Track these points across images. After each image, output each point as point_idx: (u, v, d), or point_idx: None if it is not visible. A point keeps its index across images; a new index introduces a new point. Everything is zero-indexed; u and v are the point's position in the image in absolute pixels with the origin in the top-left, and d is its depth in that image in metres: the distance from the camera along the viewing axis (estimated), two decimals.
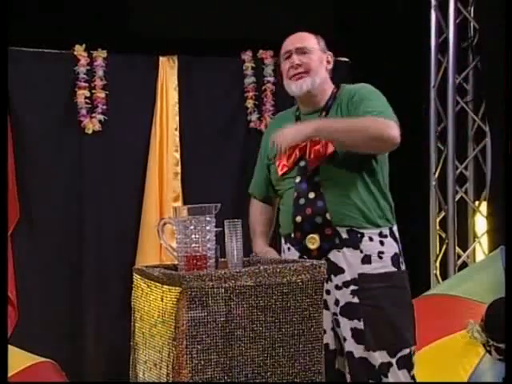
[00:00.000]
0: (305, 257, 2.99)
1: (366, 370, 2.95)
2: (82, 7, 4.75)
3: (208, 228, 2.60)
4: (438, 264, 5.34)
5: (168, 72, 5.01)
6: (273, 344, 2.51)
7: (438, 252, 5.35)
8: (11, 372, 3.62)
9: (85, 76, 4.84)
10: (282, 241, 3.17)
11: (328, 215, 2.97)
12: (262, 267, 2.54)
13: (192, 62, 5.07)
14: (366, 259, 2.98)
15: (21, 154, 4.70)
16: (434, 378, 3.70)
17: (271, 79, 5.16)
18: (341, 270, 2.97)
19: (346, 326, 2.97)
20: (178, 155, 5.01)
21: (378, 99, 3.06)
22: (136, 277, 2.76)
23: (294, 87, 3.11)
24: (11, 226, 4.55)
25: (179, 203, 4.93)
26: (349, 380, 3.01)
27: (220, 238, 2.71)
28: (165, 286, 2.52)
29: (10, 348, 3.47)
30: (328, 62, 3.21)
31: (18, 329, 4.49)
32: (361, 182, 3.02)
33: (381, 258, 3.00)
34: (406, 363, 2.99)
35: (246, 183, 4.53)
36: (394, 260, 3.03)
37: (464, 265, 5.28)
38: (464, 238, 5.39)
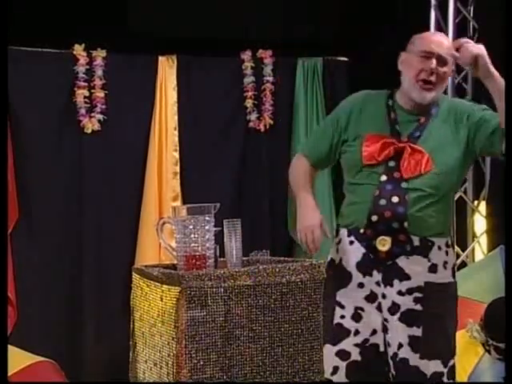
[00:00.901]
0: (371, 255, 2.93)
1: (416, 379, 2.90)
2: (81, 7, 4.74)
3: (207, 227, 2.61)
4: None
5: (167, 72, 5.01)
6: (272, 343, 2.51)
7: None
8: (11, 371, 3.61)
9: (84, 75, 4.84)
10: (344, 232, 3.01)
11: (406, 223, 2.90)
12: (261, 267, 2.54)
13: (191, 61, 5.06)
14: (433, 268, 2.94)
15: (20, 153, 4.69)
16: None
17: (270, 79, 5.16)
18: (407, 277, 2.92)
19: (404, 332, 2.91)
20: (177, 155, 5.00)
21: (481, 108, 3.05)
22: (135, 276, 2.76)
23: (416, 94, 2.98)
24: (10, 225, 4.55)
25: (178, 203, 4.93)
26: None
27: (219, 238, 2.71)
28: (164, 286, 2.53)
29: (10, 347, 3.47)
30: (452, 71, 3.10)
31: (17, 328, 4.49)
32: (444, 196, 2.98)
33: (445, 267, 2.97)
34: (453, 374, 2.97)
35: (246, 183, 4.55)
36: (454, 270, 3.03)
37: (463, 264, 5.27)
38: (463, 237, 5.38)
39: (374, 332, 2.94)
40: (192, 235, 2.59)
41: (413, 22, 5.20)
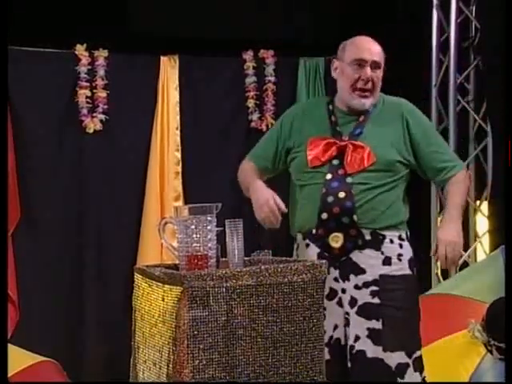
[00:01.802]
0: (325, 254, 3.01)
1: (379, 371, 2.96)
2: (83, 7, 4.74)
3: (209, 227, 2.60)
4: (439, 264, 5.32)
5: (169, 71, 5.01)
6: (274, 344, 2.51)
7: None
8: (12, 371, 3.62)
9: (86, 75, 4.84)
10: (299, 237, 3.15)
11: (355, 217, 2.99)
12: (263, 267, 2.54)
13: (193, 61, 5.06)
14: (387, 261, 3.02)
15: (22, 153, 4.69)
16: (435, 377, 3.69)
17: (272, 79, 5.16)
18: (362, 271, 3.00)
19: (362, 325, 2.98)
20: (178, 155, 5.00)
21: (438, 136, 3.23)
22: (137, 276, 2.76)
23: (355, 102, 3.09)
24: (12, 225, 4.55)
25: (180, 203, 4.93)
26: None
27: (221, 238, 2.71)
28: (166, 286, 2.52)
29: (11, 347, 3.47)
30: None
31: (18, 328, 4.49)
32: (392, 188, 3.06)
33: (400, 260, 3.05)
34: (420, 365, 3.03)
35: None
36: (411, 263, 3.09)
37: (465, 264, 5.27)
38: (465, 237, 5.35)
39: (336, 327, 3.02)
40: (194, 235, 2.59)
41: (414, 21, 5.20)
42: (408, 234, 3.14)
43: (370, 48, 3.12)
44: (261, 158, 3.29)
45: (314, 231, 3.05)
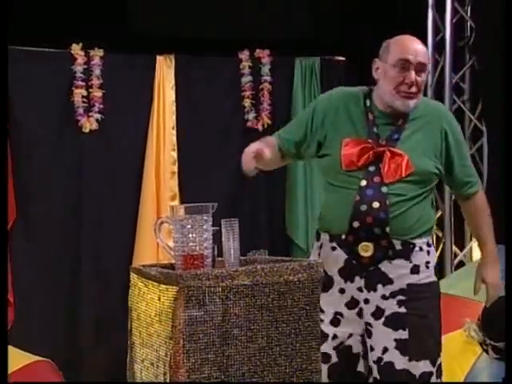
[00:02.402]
0: (354, 261, 2.91)
1: (404, 381, 2.91)
2: (79, 6, 4.74)
3: (205, 227, 2.60)
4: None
5: (165, 71, 5.01)
6: (270, 343, 2.51)
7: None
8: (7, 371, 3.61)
9: (82, 75, 4.84)
10: (325, 237, 2.99)
11: (388, 228, 2.89)
12: (259, 266, 2.54)
13: (189, 61, 5.07)
14: (415, 269, 2.94)
15: (18, 152, 4.69)
16: None
17: (268, 78, 5.17)
18: (390, 281, 2.91)
19: (390, 336, 2.91)
20: (175, 154, 5.00)
21: (467, 148, 3.19)
22: (133, 276, 2.76)
23: (399, 103, 2.93)
24: (8, 225, 4.55)
25: (176, 202, 4.93)
26: None
27: (217, 237, 2.71)
28: (162, 285, 2.52)
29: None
30: None
31: (15, 328, 4.49)
32: (424, 198, 2.97)
33: (428, 267, 2.98)
34: (441, 372, 2.98)
35: (243, 182, 4.55)
36: (435, 269, 3.04)
37: (461, 264, 5.28)
38: (461, 237, 5.39)
39: (350, 336, 2.95)
40: (190, 235, 2.59)
41: (410, 21, 5.21)
42: (433, 237, 3.09)
43: (416, 49, 2.95)
44: (286, 141, 3.07)
45: (343, 236, 2.93)
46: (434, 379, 2.93)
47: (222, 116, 5.13)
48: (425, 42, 5.27)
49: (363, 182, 2.91)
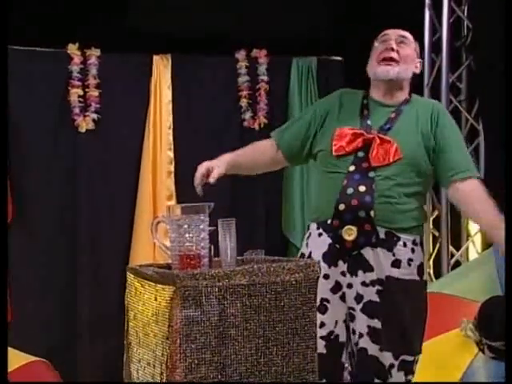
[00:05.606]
0: (337, 245, 2.99)
1: (376, 369, 2.98)
2: (75, 6, 4.74)
3: (202, 227, 2.60)
4: (431, 263, 5.34)
5: (162, 70, 5.01)
6: (266, 343, 2.51)
7: (431, 251, 5.35)
8: None
9: (78, 75, 4.84)
10: (313, 226, 3.10)
11: (372, 212, 2.95)
12: (255, 266, 2.54)
13: (186, 60, 5.07)
14: (396, 263, 2.99)
15: (14, 152, 4.69)
16: (427, 375, 3.70)
17: (265, 78, 5.17)
18: (370, 268, 2.98)
19: (364, 322, 2.98)
20: (171, 154, 5.00)
21: (461, 141, 3.17)
22: (130, 276, 2.75)
23: (379, 71, 3.09)
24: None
25: (173, 202, 4.93)
26: (347, 372, 3.03)
27: (214, 237, 2.71)
28: (158, 285, 2.52)
29: None
30: (416, 67, 3.19)
31: (12, 328, 4.47)
32: (412, 190, 3.03)
33: (409, 264, 3.02)
34: (405, 367, 3.01)
35: (240, 182, 4.54)
36: (420, 269, 3.07)
37: (457, 264, 5.28)
38: (457, 236, 5.39)
39: (336, 323, 3.01)
40: (186, 234, 2.58)
41: (406, 21, 5.20)
42: (422, 238, 3.11)
43: (393, 30, 3.17)
44: (286, 141, 3.22)
45: (329, 221, 3.01)
46: (395, 371, 2.97)
47: (219, 116, 5.13)
48: (422, 42, 5.34)
49: (351, 167, 3.01)
